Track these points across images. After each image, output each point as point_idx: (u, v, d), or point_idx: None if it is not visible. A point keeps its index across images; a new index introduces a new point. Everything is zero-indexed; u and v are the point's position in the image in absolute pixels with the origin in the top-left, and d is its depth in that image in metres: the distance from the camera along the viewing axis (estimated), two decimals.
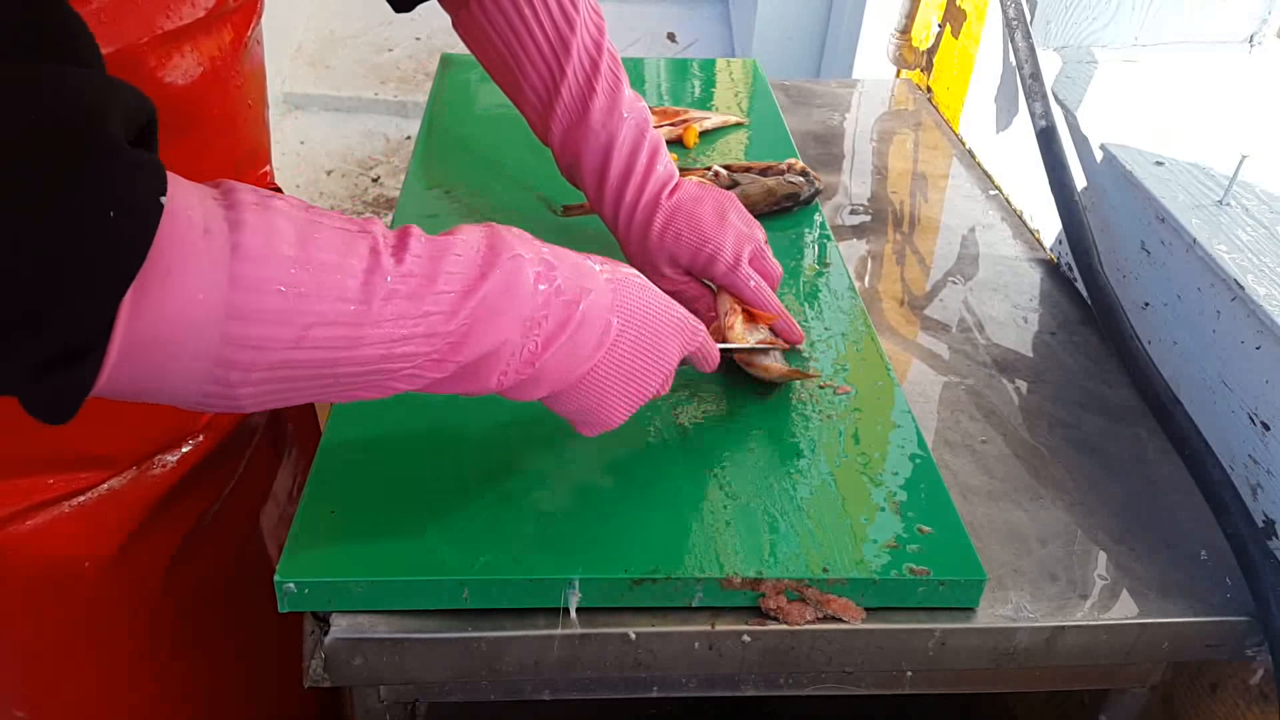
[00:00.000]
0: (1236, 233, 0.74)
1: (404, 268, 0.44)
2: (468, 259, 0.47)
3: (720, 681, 0.65)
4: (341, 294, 0.42)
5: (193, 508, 0.72)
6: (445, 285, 0.45)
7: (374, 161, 2.72)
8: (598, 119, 0.70)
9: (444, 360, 0.46)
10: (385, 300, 0.43)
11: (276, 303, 0.40)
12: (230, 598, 0.77)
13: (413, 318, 0.44)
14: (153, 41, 0.55)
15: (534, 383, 0.51)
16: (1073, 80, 0.99)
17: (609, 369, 0.54)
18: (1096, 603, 0.62)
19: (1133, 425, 0.77)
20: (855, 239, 1.00)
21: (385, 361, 0.45)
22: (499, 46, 0.68)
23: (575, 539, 0.60)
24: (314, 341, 0.42)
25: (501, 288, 0.47)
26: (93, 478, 0.65)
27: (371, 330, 0.43)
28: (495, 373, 0.49)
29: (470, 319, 0.46)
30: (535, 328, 0.49)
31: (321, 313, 0.42)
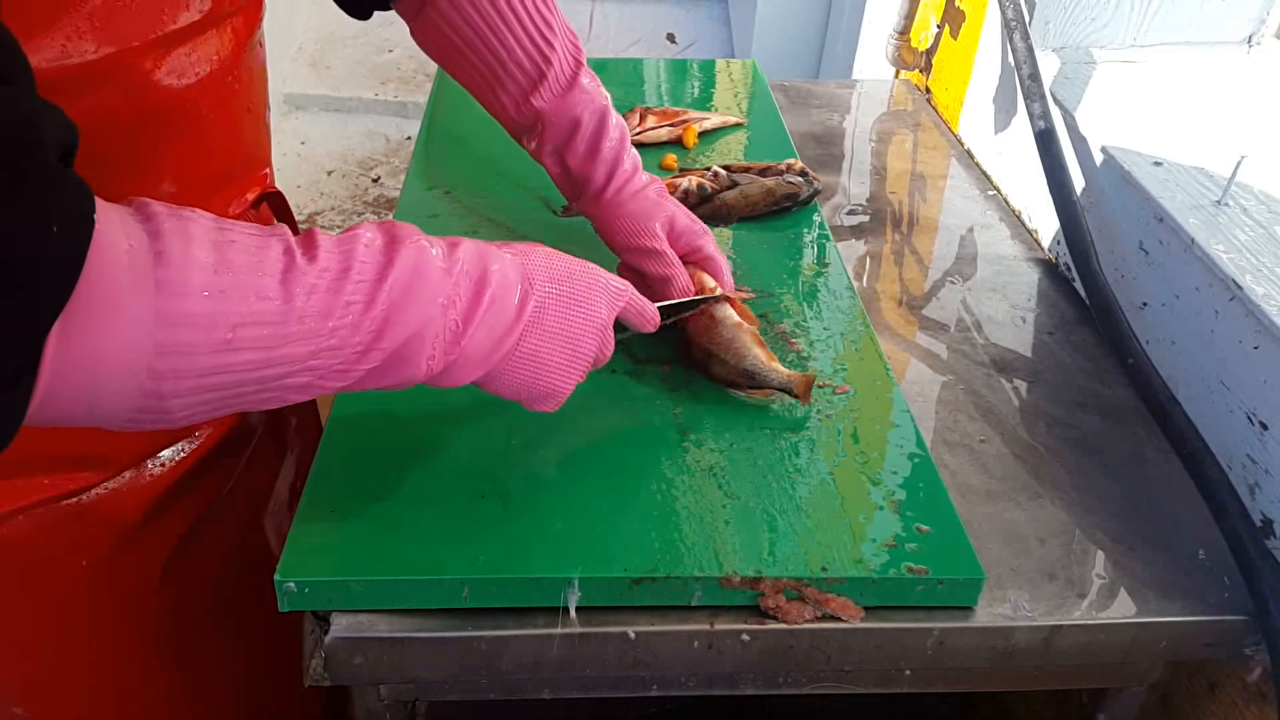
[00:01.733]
0: (1235, 233, 0.75)
1: (318, 264, 0.46)
2: (374, 249, 0.48)
3: (719, 680, 0.65)
4: (262, 293, 0.43)
5: (191, 508, 0.72)
6: (359, 275, 0.47)
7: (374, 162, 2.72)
8: (590, 85, 0.72)
9: (369, 350, 0.47)
10: (307, 295, 0.45)
11: (202, 306, 0.41)
12: (231, 596, 0.77)
13: (335, 311, 0.46)
14: (148, 45, 0.55)
15: (464, 363, 0.52)
16: (1071, 81, 0.99)
17: (539, 337, 0.55)
18: (1094, 602, 0.62)
19: (1131, 425, 0.77)
20: (854, 239, 1.00)
21: (313, 358, 0.46)
22: (481, 28, 0.69)
23: (575, 538, 0.60)
24: (242, 342, 0.43)
25: (410, 271, 0.48)
26: (88, 478, 0.65)
27: (296, 326, 0.44)
28: (423, 357, 0.50)
29: (387, 305, 0.47)
30: (450, 307, 0.50)
31: (246, 313, 0.42)
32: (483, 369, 0.54)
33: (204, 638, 0.77)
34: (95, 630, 0.71)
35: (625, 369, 0.74)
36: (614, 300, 0.60)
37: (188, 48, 0.58)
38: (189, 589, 0.74)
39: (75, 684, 0.72)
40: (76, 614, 0.69)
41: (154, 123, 0.58)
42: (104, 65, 0.53)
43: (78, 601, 0.69)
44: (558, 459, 0.66)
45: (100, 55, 0.52)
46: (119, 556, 0.68)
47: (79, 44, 0.51)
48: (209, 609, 0.76)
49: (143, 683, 0.75)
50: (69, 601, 0.68)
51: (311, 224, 2.45)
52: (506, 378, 0.56)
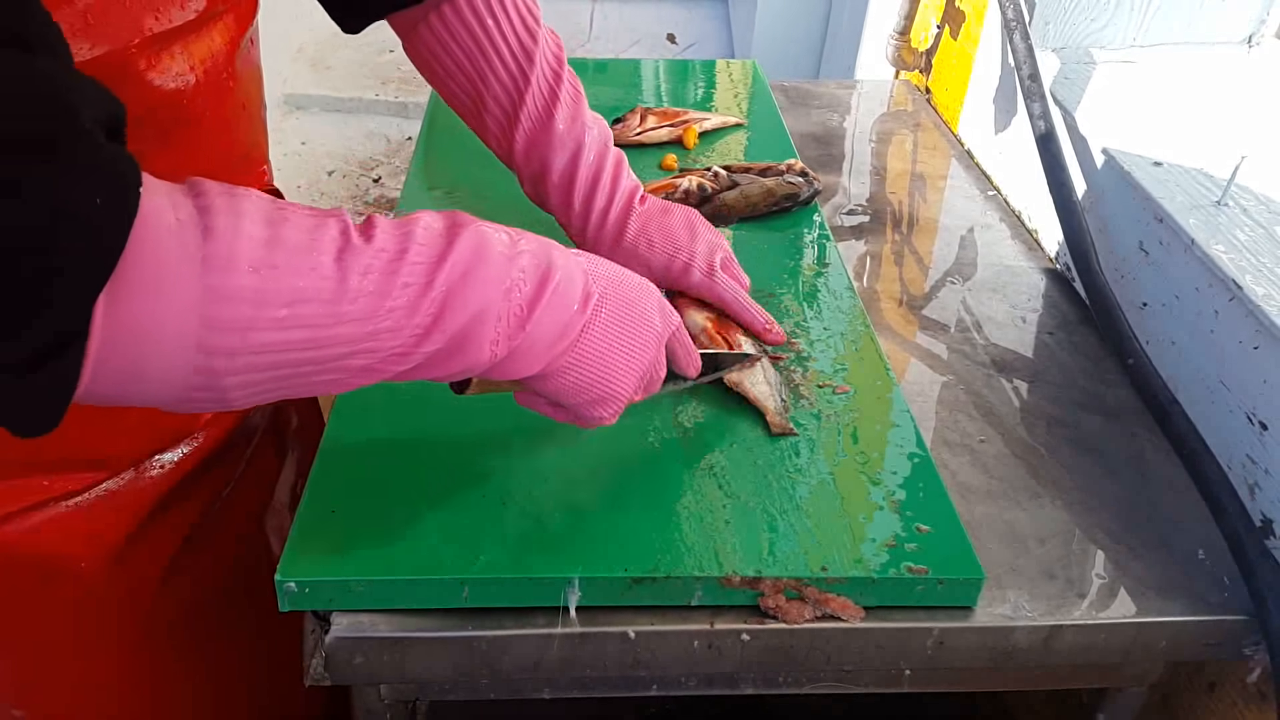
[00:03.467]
0: (1235, 233, 0.75)
1: (375, 244, 0.45)
2: (433, 233, 0.48)
3: (719, 680, 0.65)
4: (317, 270, 0.43)
5: (192, 509, 0.72)
6: (416, 257, 0.46)
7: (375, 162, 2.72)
8: (563, 125, 0.71)
9: (429, 332, 0.47)
10: (362, 275, 0.44)
11: (252, 281, 0.41)
12: (234, 596, 0.77)
13: (393, 290, 0.45)
14: (142, 44, 0.55)
15: (528, 351, 0.51)
16: (1071, 81, 0.99)
17: (600, 334, 0.54)
18: (1094, 602, 0.62)
19: (1131, 425, 0.77)
20: (854, 239, 1.00)
21: (370, 340, 0.45)
22: (461, 59, 0.68)
23: (575, 538, 0.60)
24: (295, 320, 0.42)
25: (470, 253, 0.48)
26: (89, 479, 0.65)
27: (350, 305, 0.44)
28: (486, 340, 0.49)
29: (446, 287, 0.47)
30: (514, 291, 0.50)
31: (299, 289, 0.42)
32: (545, 359, 0.53)
33: (206, 638, 0.77)
34: (96, 632, 0.71)
35: None
36: (667, 317, 0.60)
37: (181, 46, 0.58)
38: (191, 589, 0.74)
39: (76, 685, 0.72)
40: (77, 616, 0.69)
41: (149, 122, 0.58)
42: (97, 65, 0.53)
43: (79, 603, 0.69)
44: (558, 459, 0.66)
45: (94, 55, 0.52)
46: (121, 558, 0.68)
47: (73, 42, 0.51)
48: (211, 609, 0.76)
49: (144, 684, 0.75)
50: (70, 603, 0.68)
51: None
52: (568, 374, 0.54)
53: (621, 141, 1.06)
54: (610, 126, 1.07)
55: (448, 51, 0.68)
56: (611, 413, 0.58)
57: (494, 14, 0.67)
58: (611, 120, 1.08)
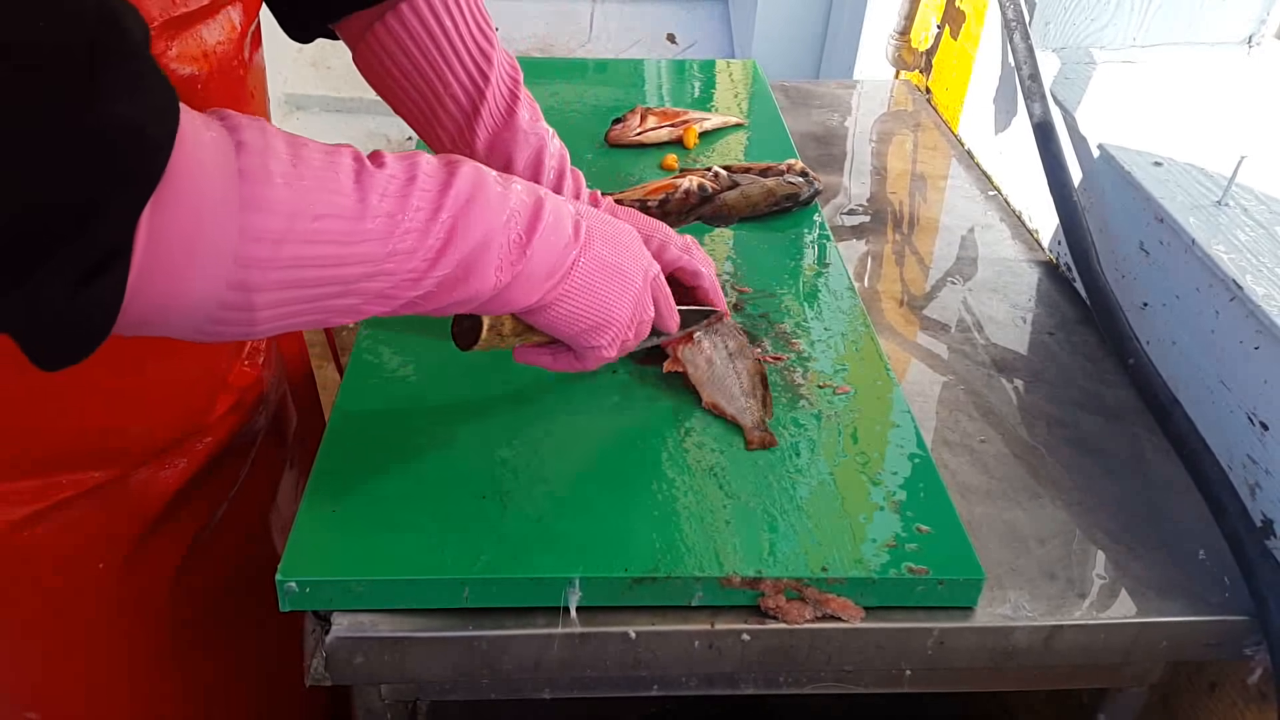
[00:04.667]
0: (1235, 233, 0.75)
1: (387, 170, 0.48)
2: (434, 165, 0.50)
3: (720, 680, 0.65)
4: (339, 188, 0.45)
5: (201, 509, 0.72)
6: (424, 185, 0.49)
7: None
8: (526, 122, 0.70)
9: (440, 256, 0.49)
10: (380, 195, 0.46)
11: (284, 194, 0.42)
12: (240, 596, 0.77)
13: (407, 212, 0.48)
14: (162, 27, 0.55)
15: (528, 279, 0.54)
16: (1071, 81, 0.99)
17: (593, 263, 0.58)
18: (1095, 602, 0.62)
19: (1131, 425, 0.77)
20: (855, 239, 1.00)
21: (389, 260, 0.47)
22: (418, 59, 0.67)
23: (575, 538, 0.60)
24: (322, 234, 0.44)
25: (471, 185, 0.51)
26: (102, 476, 0.65)
27: (371, 223, 0.46)
28: (491, 267, 0.52)
29: (453, 212, 0.49)
30: (512, 220, 0.52)
31: (326, 203, 0.44)
32: (544, 288, 0.56)
33: (214, 637, 0.77)
34: (109, 633, 0.71)
35: (626, 370, 0.74)
36: (650, 260, 0.63)
37: (193, 32, 0.58)
38: (201, 589, 0.74)
39: (88, 686, 0.72)
40: (91, 616, 0.69)
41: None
42: None
43: (92, 604, 0.69)
44: (558, 459, 0.66)
45: None
46: (134, 557, 0.68)
47: None
48: (219, 608, 0.77)
49: (154, 683, 0.75)
50: (84, 604, 0.68)
51: None
52: (564, 303, 0.57)
53: (621, 141, 1.06)
54: (610, 126, 1.08)
55: (404, 51, 0.67)
56: (608, 340, 0.61)
57: (450, 14, 0.67)
58: (611, 120, 1.08)
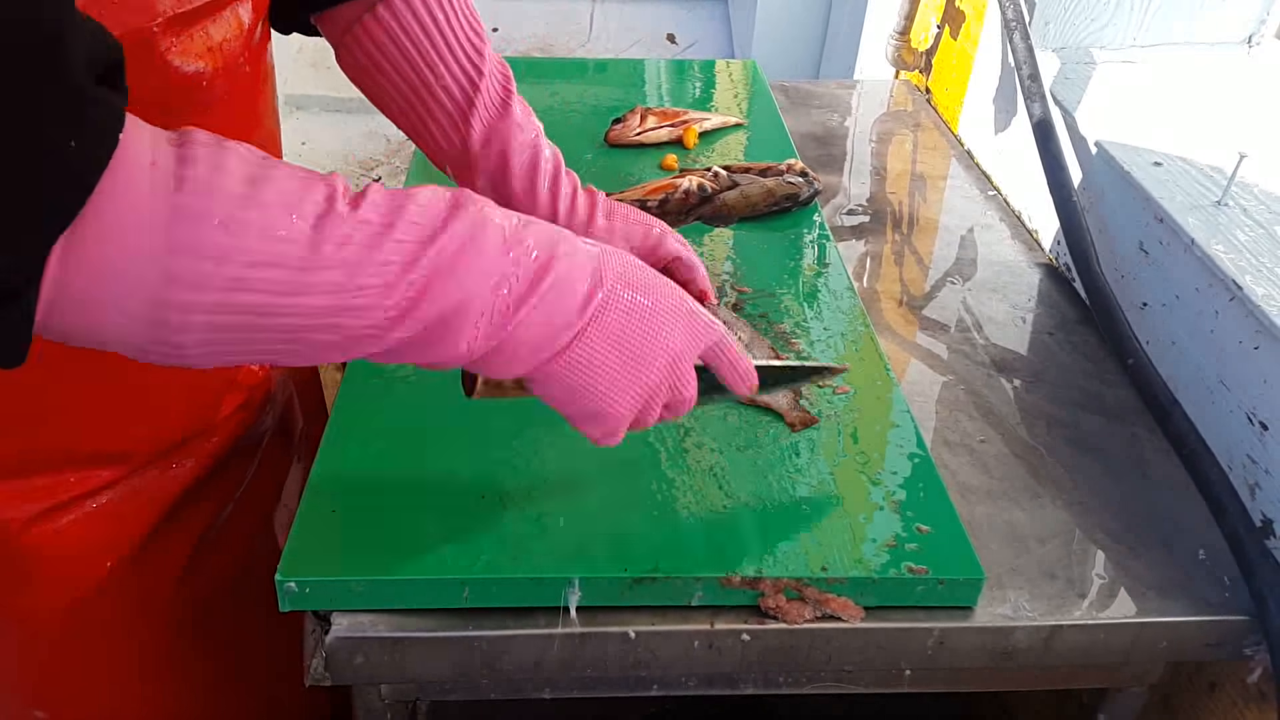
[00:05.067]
0: (1234, 233, 0.75)
1: (360, 214, 0.43)
2: (431, 210, 0.45)
3: (720, 680, 0.65)
4: (289, 235, 0.41)
5: (207, 509, 0.72)
6: (404, 234, 0.43)
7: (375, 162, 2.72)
8: (520, 114, 0.69)
9: (404, 317, 0.44)
10: (338, 245, 0.42)
11: (218, 237, 0.39)
12: (245, 596, 0.77)
13: (369, 266, 0.42)
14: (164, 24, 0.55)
15: (511, 350, 0.47)
16: (1071, 81, 0.99)
17: (598, 343, 0.49)
18: (1095, 602, 0.62)
19: (1131, 425, 0.77)
20: (854, 239, 1.00)
21: (337, 315, 0.43)
22: (410, 51, 0.66)
23: (575, 539, 0.60)
24: (255, 283, 0.40)
25: (464, 239, 0.45)
26: (110, 475, 0.66)
27: (318, 276, 0.41)
28: (464, 337, 0.45)
29: (430, 270, 0.44)
30: (504, 284, 0.46)
31: (265, 252, 0.40)
32: (532, 363, 0.49)
33: (220, 637, 0.77)
34: (115, 632, 0.71)
35: None
36: (694, 333, 0.54)
37: (201, 28, 0.58)
38: (206, 589, 0.74)
39: (95, 685, 0.72)
40: (97, 615, 0.69)
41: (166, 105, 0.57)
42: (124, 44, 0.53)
43: (99, 603, 0.69)
44: (558, 459, 0.66)
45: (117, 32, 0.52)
46: (140, 557, 0.69)
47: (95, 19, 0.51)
48: (224, 608, 0.77)
49: (160, 682, 0.75)
50: (91, 603, 0.68)
51: None
52: (557, 380, 0.50)
53: (621, 141, 1.06)
54: (610, 126, 1.08)
55: (395, 42, 0.66)
56: (603, 433, 0.53)
57: (443, 6, 0.66)
58: (611, 120, 1.08)
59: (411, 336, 0.45)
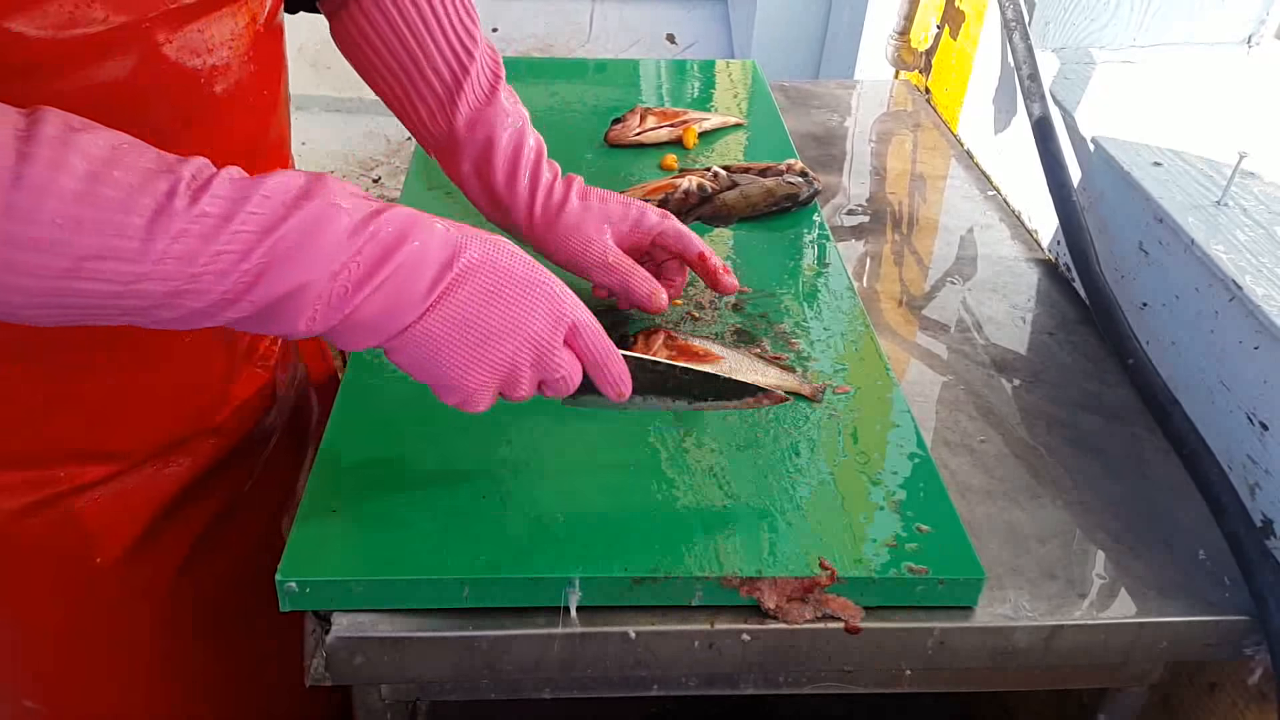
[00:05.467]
0: (1234, 233, 0.75)
1: (198, 208, 0.44)
2: (275, 200, 0.46)
3: (720, 680, 0.65)
4: (123, 231, 0.43)
5: (208, 507, 0.72)
6: (242, 225, 0.45)
7: (375, 163, 2.72)
8: (507, 101, 0.69)
9: (239, 300, 0.46)
10: (173, 239, 0.44)
11: (51, 234, 0.41)
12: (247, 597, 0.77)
13: (204, 255, 0.44)
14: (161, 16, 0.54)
15: (351, 329, 0.50)
16: (1071, 81, 0.99)
17: (446, 323, 0.52)
18: (1095, 602, 0.62)
19: (1131, 425, 0.77)
20: (854, 239, 1.00)
21: (176, 298, 0.45)
22: (402, 31, 0.67)
23: (575, 538, 0.60)
24: (90, 274, 0.43)
25: (304, 229, 0.46)
26: (102, 471, 0.66)
27: (154, 267, 0.44)
28: (302, 316, 0.48)
29: (266, 258, 0.46)
30: (343, 271, 0.48)
31: (99, 246, 0.42)
32: (377, 339, 0.51)
33: (221, 635, 0.77)
34: (109, 626, 0.71)
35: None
36: (558, 316, 0.55)
37: (202, 23, 0.58)
38: (207, 586, 0.74)
39: (88, 678, 0.72)
40: (90, 610, 0.69)
41: (166, 100, 0.58)
42: (113, 37, 0.52)
43: (92, 598, 0.69)
44: (558, 459, 0.66)
45: (110, 26, 0.52)
46: (135, 553, 0.68)
47: (86, 11, 0.50)
48: (227, 607, 0.77)
49: (157, 679, 0.75)
50: (83, 597, 0.69)
51: None
52: (406, 354, 0.53)
53: (621, 141, 1.06)
54: (610, 126, 1.08)
55: (388, 20, 0.67)
56: (459, 401, 0.55)
57: None
58: (611, 120, 1.08)
59: (246, 316, 0.47)
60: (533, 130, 0.71)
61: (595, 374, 0.58)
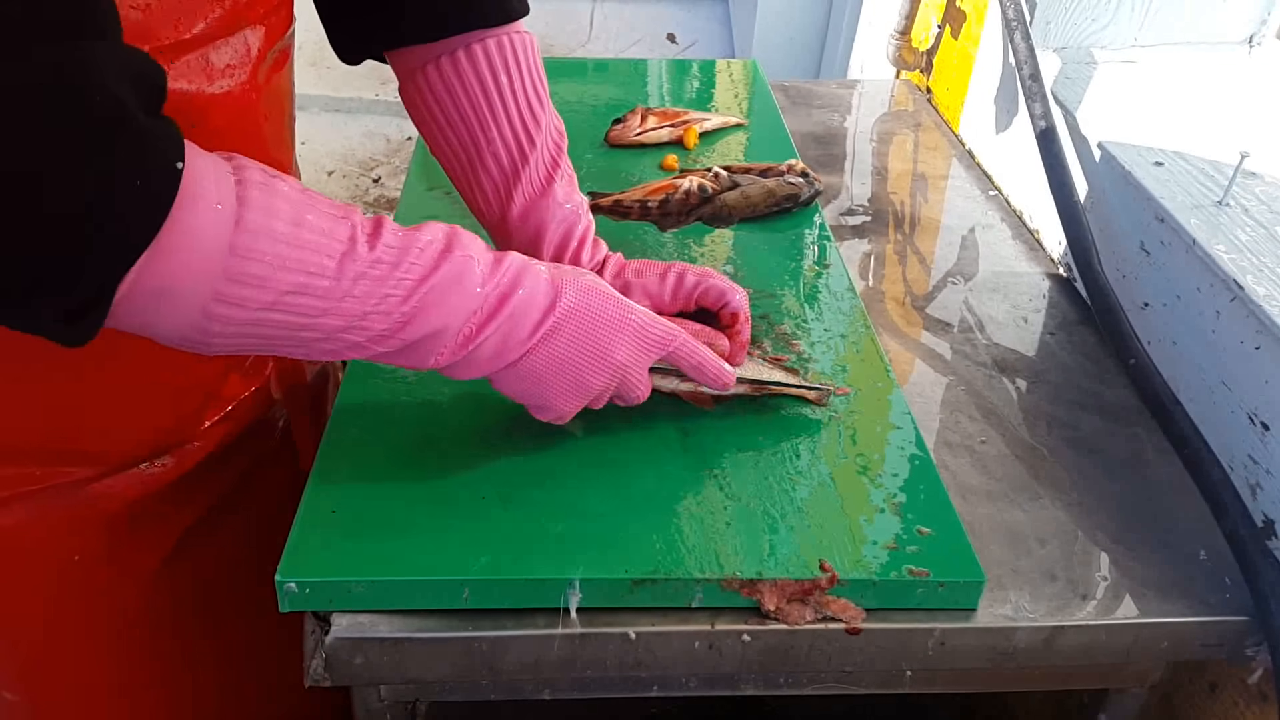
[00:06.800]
0: (1236, 233, 0.75)
1: (375, 254, 0.50)
2: (430, 251, 0.53)
3: (720, 681, 0.65)
4: (320, 270, 0.48)
5: (194, 507, 0.72)
6: (406, 273, 0.51)
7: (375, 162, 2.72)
8: (561, 196, 0.69)
9: (391, 336, 0.52)
10: (355, 280, 0.50)
11: (263, 270, 0.46)
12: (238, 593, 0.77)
13: (375, 297, 0.51)
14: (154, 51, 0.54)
15: (469, 364, 0.56)
16: (1072, 81, 0.99)
17: (545, 359, 0.58)
18: (1096, 602, 0.62)
19: (1132, 425, 0.77)
20: (855, 239, 1.00)
21: (344, 331, 0.51)
22: (466, 110, 0.66)
23: (575, 539, 0.60)
24: (287, 307, 0.48)
25: (450, 280, 0.53)
26: (80, 473, 0.65)
27: (338, 304, 0.50)
28: (434, 353, 0.54)
29: (420, 303, 0.52)
30: (473, 315, 0.54)
31: (299, 284, 0.48)
32: (488, 370, 0.58)
33: (209, 633, 0.77)
34: (90, 621, 0.71)
35: None
36: (644, 345, 0.62)
37: (203, 52, 0.58)
38: (194, 584, 0.74)
39: (69, 672, 0.72)
40: (69, 605, 0.69)
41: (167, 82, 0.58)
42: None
43: (70, 593, 0.69)
44: (558, 459, 0.66)
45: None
46: (114, 551, 0.68)
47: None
48: (216, 605, 0.76)
49: (141, 675, 0.75)
50: (61, 593, 0.68)
51: None
52: (510, 383, 0.59)
53: (621, 142, 1.06)
54: (610, 126, 1.08)
55: (453, 99, 0.66)
56: (551, 418, 0.63)
57: (507, 70, 0.65)
58: (611, 120, 1.08)
59: (390, 351, 0.54)
60: (585, 214, 0.71)
61: (698, 376, 0.66)
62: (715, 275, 0.71)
